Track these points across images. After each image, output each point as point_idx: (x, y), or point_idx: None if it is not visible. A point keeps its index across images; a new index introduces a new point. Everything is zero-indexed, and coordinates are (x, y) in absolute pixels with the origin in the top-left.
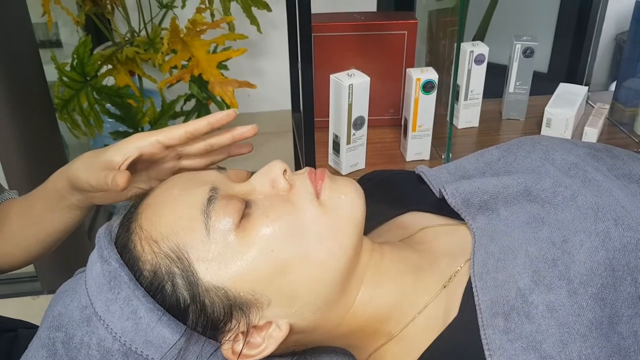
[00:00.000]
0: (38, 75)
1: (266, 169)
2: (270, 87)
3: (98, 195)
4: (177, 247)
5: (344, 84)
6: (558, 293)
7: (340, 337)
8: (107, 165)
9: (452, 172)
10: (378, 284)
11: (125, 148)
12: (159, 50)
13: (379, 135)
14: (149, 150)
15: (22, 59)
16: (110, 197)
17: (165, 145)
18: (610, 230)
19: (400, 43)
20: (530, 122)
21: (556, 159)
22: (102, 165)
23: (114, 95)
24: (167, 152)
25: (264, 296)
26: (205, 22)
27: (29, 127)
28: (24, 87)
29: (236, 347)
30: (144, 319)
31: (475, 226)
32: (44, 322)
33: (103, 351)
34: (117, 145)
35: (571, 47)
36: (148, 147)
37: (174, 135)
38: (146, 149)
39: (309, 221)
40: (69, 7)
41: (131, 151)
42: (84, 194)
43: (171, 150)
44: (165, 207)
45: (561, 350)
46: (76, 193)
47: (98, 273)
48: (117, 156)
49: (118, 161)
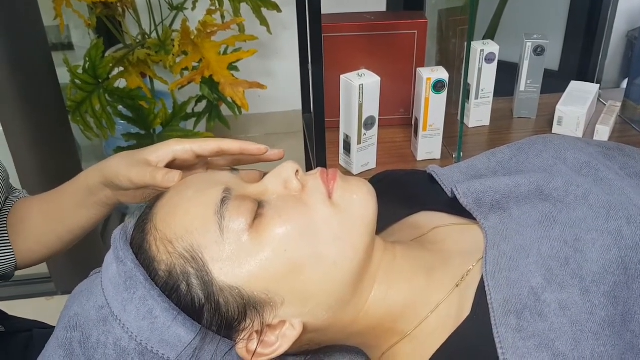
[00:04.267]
0: (51, 78)
1: (278, 169)
2: (280, 87)
3: (128, 193)
4: (192, 248)
5: (355, 84)
6: (570, 291)
7: (353, 336)
8: (144, 164)
9: (463, 172)
10: (391, 284)
11: (161, 150)
12: (170, 52)
13: (390, 135)
14: (182, 156)
15: (35, 61)
16: (138, 196)
17: (197, 154)
18: (622, 228)
19: (410, 42)
20: (542, 121)
21: (568, 158)
22: (139, 163)
23: (126, 97)
24: (197, 161)
25: (277, 295)
26: (215, 23)
27: (42, 129)
28: (37, 90)
29: (250, 346)
30: (159, 318)
31: (488, 225)
32: (61, 322)
33: (119, 350)
34: (154, 147)
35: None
36: (182, 153)
37: (207, 147)
38: (180, 154)
39: (321, 221)
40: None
41: (166, 154)
42: (115, 191)
43: (202, 159)
44: (179, 208)
45: (574, 348)
46: (107, 190)
47: (114, 273)
48: (153, 157)
49: (153, 161)
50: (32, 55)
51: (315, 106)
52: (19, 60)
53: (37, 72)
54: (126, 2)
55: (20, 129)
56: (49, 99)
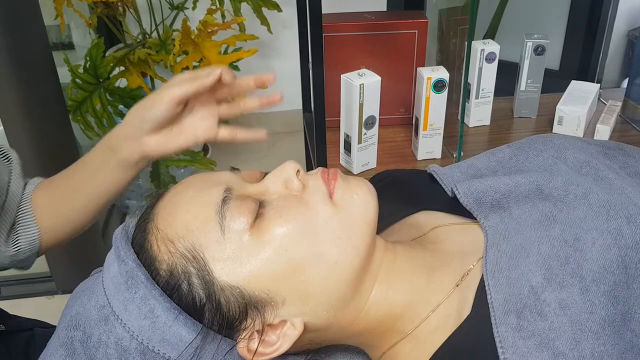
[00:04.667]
0: (51, 77)
1: (279, 169)
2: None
3: (152, 141)
4: (193, 247)
5: (355, 83)
6: (570, 291)
7: (354, 335)
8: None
9: (464, 171)
10: (391, 283)
11: (162, 105)
12: (170, 52)
13: (390, 134)
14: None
15: (36, 61)
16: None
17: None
18: (622, 227)
19: (410, 42)
20: (542, 120)
21: (568, 158)
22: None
23: (127, 97)
24: None
25: (278, 295)
26: (216, 23)
27: (42, 129)
28: (37, 89)
29: (251, 346)
30: (160, 318)
31: (488, 225)
32: (62, 321)
33: (121, 350)
34: (154, 103)
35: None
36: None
37: (205, 84)
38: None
39: (322, 221)
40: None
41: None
42: (138, 143)
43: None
44: (180, 208)
45: (574, 347)
46: (130, 144)
47: (115, 273)
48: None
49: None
50: (33, 54)
51: (315, 105)
52: (19, 60)
53: (38, 72)
54: (127, 2)
55: (20, 128)
56: (50, 98)
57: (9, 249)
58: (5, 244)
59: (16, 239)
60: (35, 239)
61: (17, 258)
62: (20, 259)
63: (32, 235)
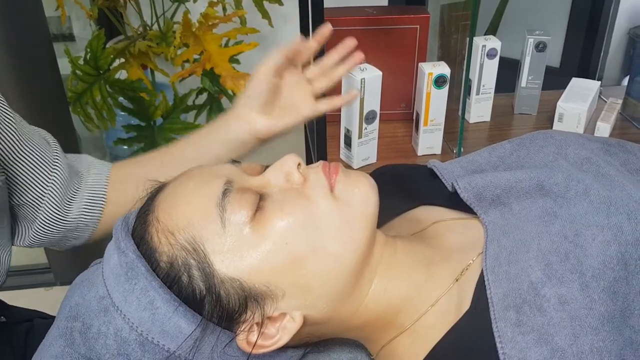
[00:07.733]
0: (52, 69)
1: (280, 162)
2: None
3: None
4: (193, 239)
5: (356, 78)
6: (570, 286)
7: (353, 329)
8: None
9: (464, 166)
10: (391, 277)
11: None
12: (171, 44)
13: (391, 129)
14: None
15: (36, 52)
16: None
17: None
18: (622, 224)
19: (412, 37)
20: (543, 117)
21: (569, 154)
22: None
23: (127, 89)
24: None
25: (278, 288)
26: (217, 16)
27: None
28: (38, 81)
29: (251, 338)
30: (160, 309)
31: (488, 220)
32: (61, 312)
33: (120, 341)
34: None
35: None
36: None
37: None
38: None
39: (323, 214)
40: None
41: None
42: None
43: None
44: (181, 200)
45: (573, 343)
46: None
47: (115, 264)
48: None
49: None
50: (34, 45)
51: None
52: (20, 51)
53: (38, 63)
54: None
55: None
56: (50, 89)
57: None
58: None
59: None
60: (97, 217)
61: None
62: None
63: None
